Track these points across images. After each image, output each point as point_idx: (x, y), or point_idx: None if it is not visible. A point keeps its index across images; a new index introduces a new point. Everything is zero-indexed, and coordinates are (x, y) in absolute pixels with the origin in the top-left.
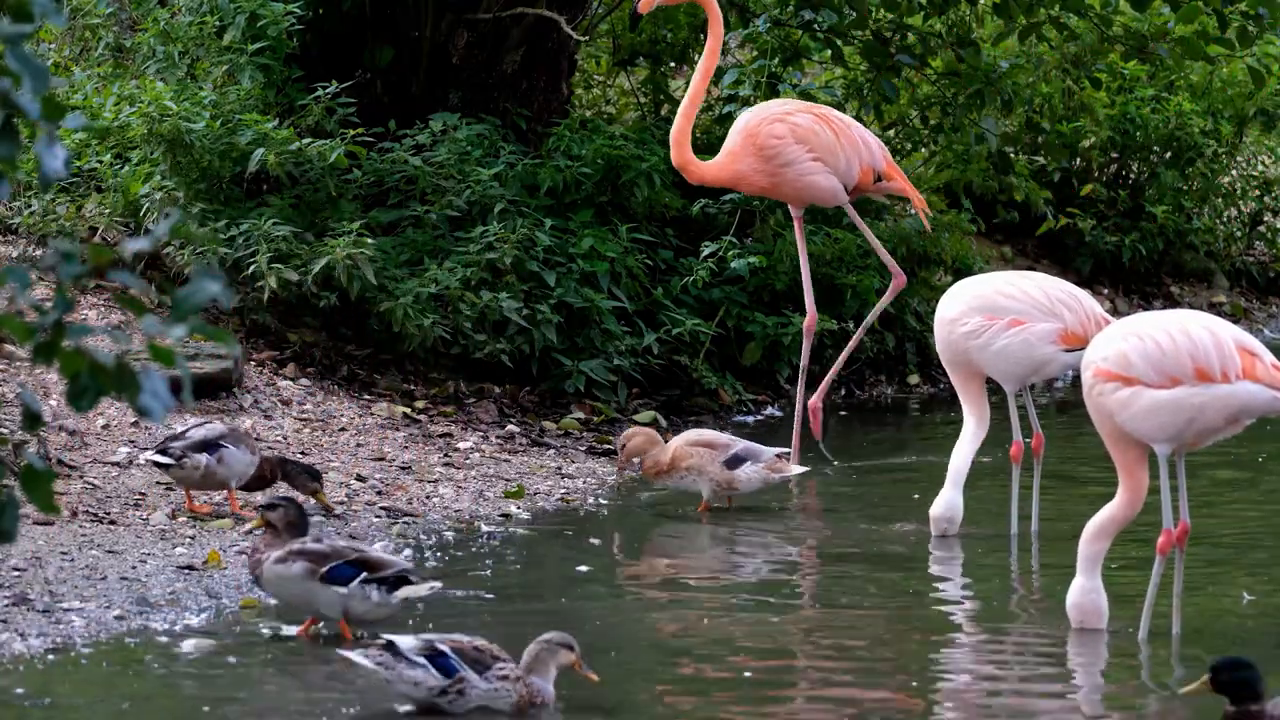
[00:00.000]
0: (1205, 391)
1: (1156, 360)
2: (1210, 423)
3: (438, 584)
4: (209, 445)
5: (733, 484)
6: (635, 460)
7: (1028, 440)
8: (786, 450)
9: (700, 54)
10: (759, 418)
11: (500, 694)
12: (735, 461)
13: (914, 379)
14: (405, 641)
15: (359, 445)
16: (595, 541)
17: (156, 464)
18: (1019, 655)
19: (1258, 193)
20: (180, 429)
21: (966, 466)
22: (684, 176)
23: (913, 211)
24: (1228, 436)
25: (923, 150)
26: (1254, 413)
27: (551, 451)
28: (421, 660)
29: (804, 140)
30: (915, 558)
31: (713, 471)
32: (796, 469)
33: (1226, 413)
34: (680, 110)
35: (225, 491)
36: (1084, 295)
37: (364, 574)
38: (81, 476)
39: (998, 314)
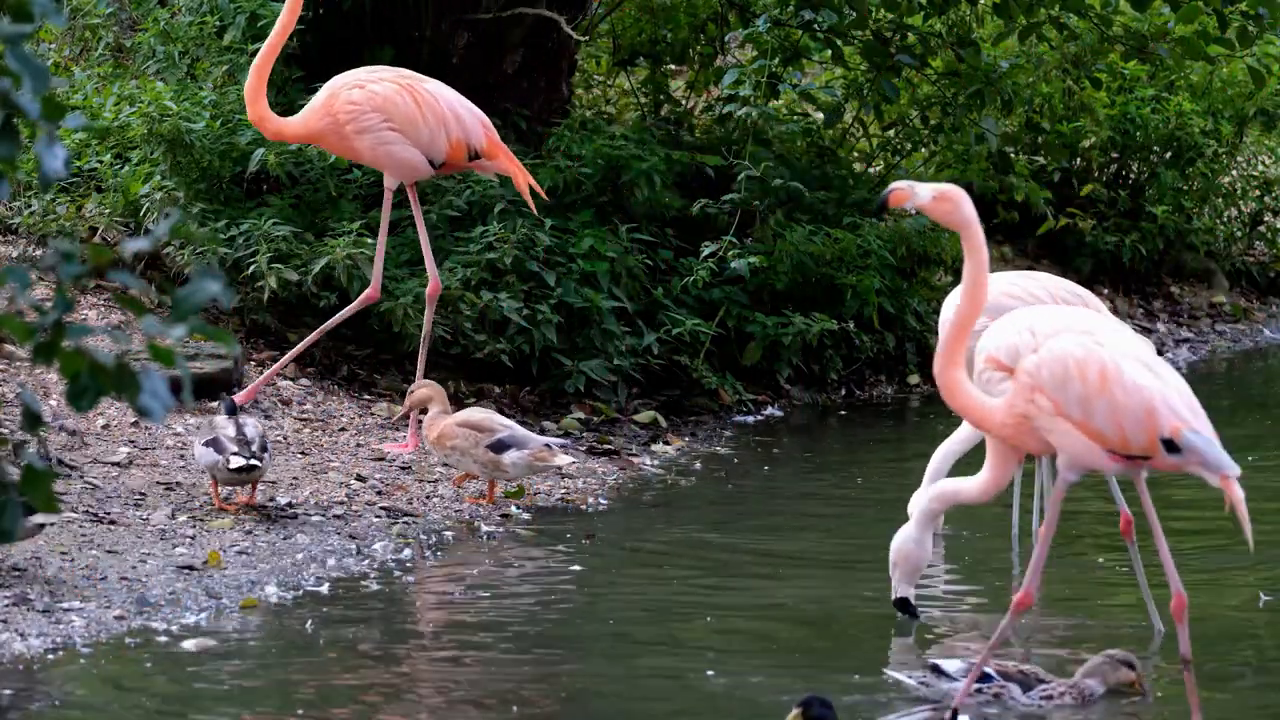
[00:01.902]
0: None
1: None
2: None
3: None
4: (265, 444)
5: (499, 467)
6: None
7: None
8: (560, 441)
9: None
10: (759, 417)
11: (1043, 709)
12: (499, 447)
13: (914, 379)
14: (950, 665)
15: (359, 445)
16: (595, 542)
17: (246, 469)
18: (1021, 658)
19: (1258, 193)
20: (232, 430)
21: (947, 466)
22: (261, 131)
23: (914, 212)
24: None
25: (923, 150)
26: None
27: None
28: (960, 678)
29: (381, 109)
30: None
31: (476, 454)
32: (564, 459)
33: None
34: (253, 65)
35: (250, 486)
36: (1088, 296)
37: None
38: (81, 476)
39: (1001, 314)
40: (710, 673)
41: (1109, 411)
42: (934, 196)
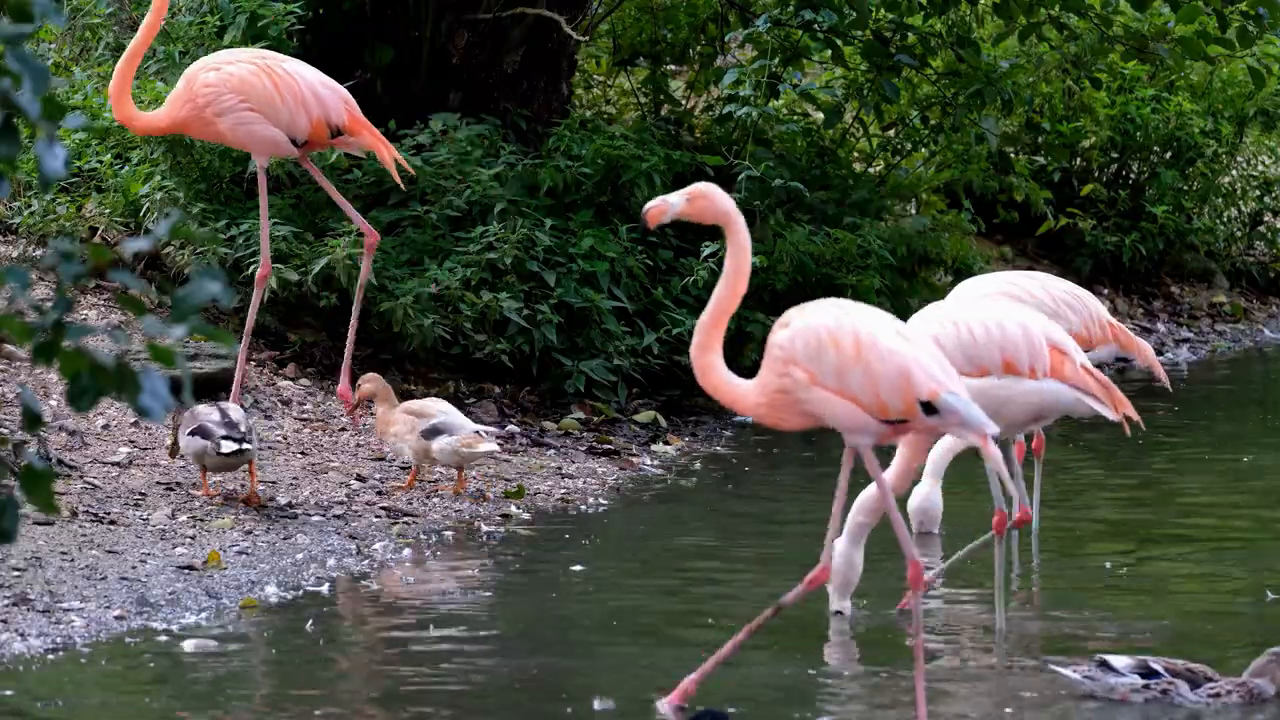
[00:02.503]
0: (1011, 385)
1: (968, 348)
2: (1014, 416)
3: None
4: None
5: (429, 453)
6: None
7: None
8: (489, 429)
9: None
10: None
11: (1212, 706)
12: (432, 433)
13: None
14: (1118, 660)
15: (359, 445)
16: (595, 542)
17: (237, 452)
18: (1020, 658)
19: (1258, 193)
20: (217, 416)
21: (947, 459)
22: (130, 130)
23: (914, 212)
24: (1034, 429)
25: (923, 150)
26: (1059, 411)
27: (551, 451)
28: (1128, 673)
29: (238, 90)
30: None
31: (410, 440)
32: (489, 445)
33: (1030, 408)
34: (119, 65)
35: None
36: (1089, 297)
37: None
38: (81, 476)
39: None
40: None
41: (865, 378)
42: (687, 199)
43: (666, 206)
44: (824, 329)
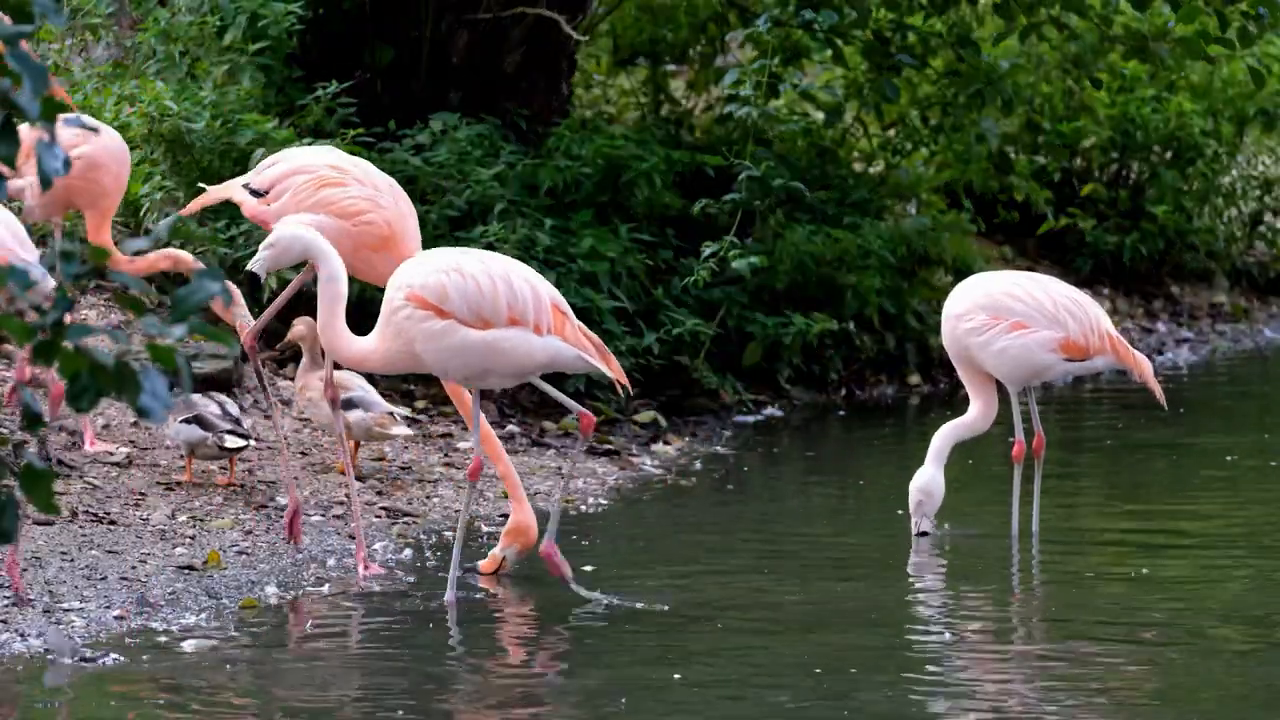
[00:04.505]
0: (516, 336)
1: (474, 300)
2: (515, 367)
3: None
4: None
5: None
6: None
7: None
8: (403, 412)
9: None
10: (759, 417)
11: None
12: (347, 405)
13: (914, 379)
14: None
15: (358, 445)
16: (595, 542)
17: (243, 448)
18: (1020, 658)
19: (1258, 193)
20: (215, 408)
21: (948, 447)
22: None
23: (914, 212)
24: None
25: (923, 150)
26: (560, 366)
27: (551, 452)
28: None
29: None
30: (914, 559)
31: (325, 407)
32: (401, 429)
33: (533, 361)
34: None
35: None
36: (1091, 305)
37: None
38: (81, 476)
39: (1002, 315)
40: (711, 673)
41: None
42: (269, 248)
43: (261, 263)
44: (450, 268)
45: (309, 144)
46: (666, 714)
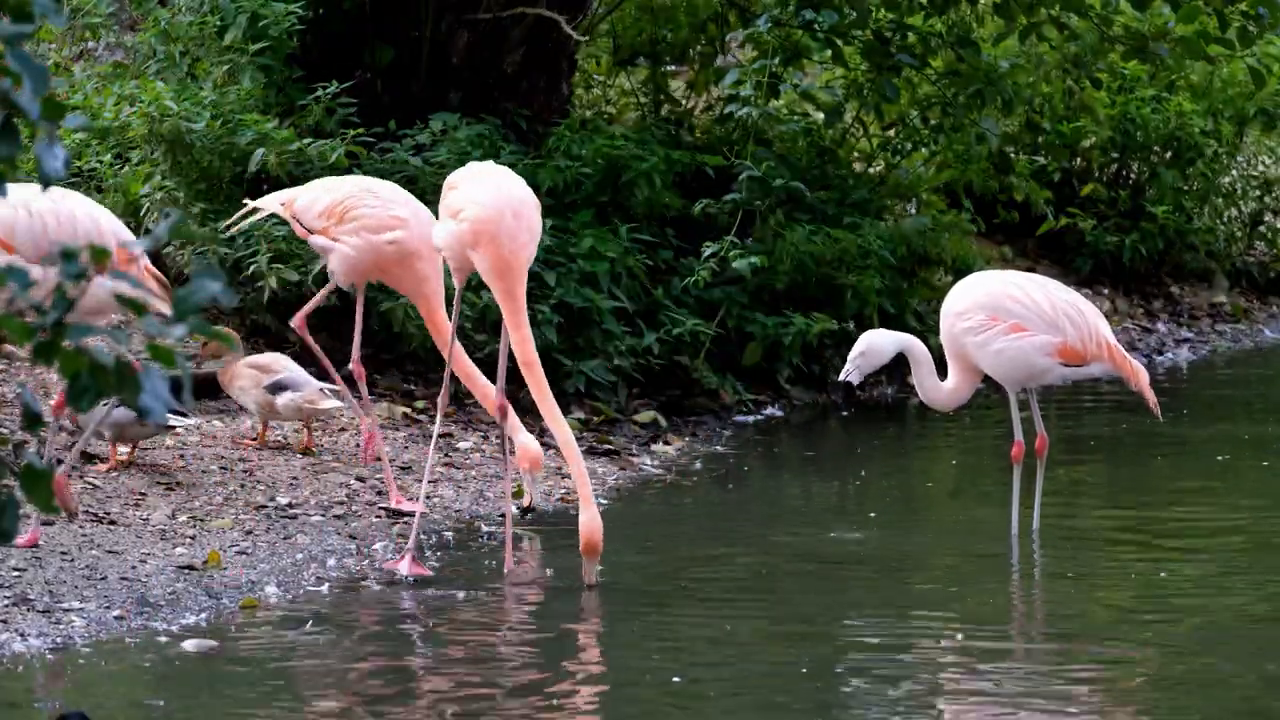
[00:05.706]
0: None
1: (38, 237)
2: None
3: None
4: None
5: (273, 408)
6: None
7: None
8: (334, 387)
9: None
10: (759, 417)
11: None
12: (276, 388)
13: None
14: None
15: (359, 445)
16: None
17: (177, 426)
18: (1020, 658)
19: (1258, 193)
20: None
21: (921, 354)
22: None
23: (914, 212)
24: None
25: (923, 150)
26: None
27: (551, 451)
28: None
29: None
30: (914, 560)
31: (255, 394)
32: (331, 403)
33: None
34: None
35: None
36: (1091, 312)
37: None
38: (81, 476)
39: (1002, 316)
40: (711, 673)
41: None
42: None
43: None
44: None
45: (309, 144)
46: (666, 714)
